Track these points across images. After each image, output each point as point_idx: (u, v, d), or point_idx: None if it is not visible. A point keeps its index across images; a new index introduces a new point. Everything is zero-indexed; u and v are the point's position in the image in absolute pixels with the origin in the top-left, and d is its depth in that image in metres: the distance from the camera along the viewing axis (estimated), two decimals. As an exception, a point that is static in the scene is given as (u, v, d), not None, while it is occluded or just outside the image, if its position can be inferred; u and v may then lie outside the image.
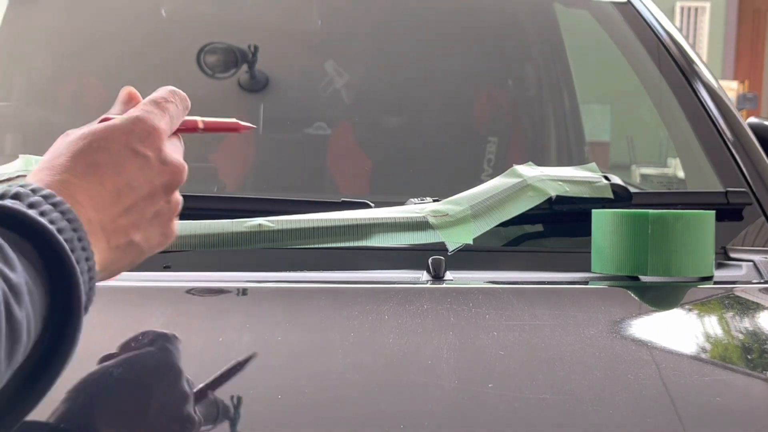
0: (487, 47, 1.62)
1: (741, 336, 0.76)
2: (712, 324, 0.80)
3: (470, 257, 0.92)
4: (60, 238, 0.54)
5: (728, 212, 1.05)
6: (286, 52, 1.54)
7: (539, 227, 1.04)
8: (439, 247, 0.90)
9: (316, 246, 0.89)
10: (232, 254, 0.90)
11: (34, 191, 0.56)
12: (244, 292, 0.80)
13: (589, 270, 0.88)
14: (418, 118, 1.51)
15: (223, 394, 0.59)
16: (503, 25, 1.66)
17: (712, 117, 1.24)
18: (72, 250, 0.54)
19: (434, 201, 0.92)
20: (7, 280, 0.49)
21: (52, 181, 0.59)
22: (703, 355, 0.72)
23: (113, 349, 0.66)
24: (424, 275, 0.83)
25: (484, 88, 1.60)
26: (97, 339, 0.68)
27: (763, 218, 1.08)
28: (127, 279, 0.81)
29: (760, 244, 1.05)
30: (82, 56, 1.46)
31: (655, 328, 0.77)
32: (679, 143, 1.43)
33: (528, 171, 1.00)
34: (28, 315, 0.51)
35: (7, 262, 0.50)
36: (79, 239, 0.56)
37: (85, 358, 0.65)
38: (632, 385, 0.62)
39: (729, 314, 0.82)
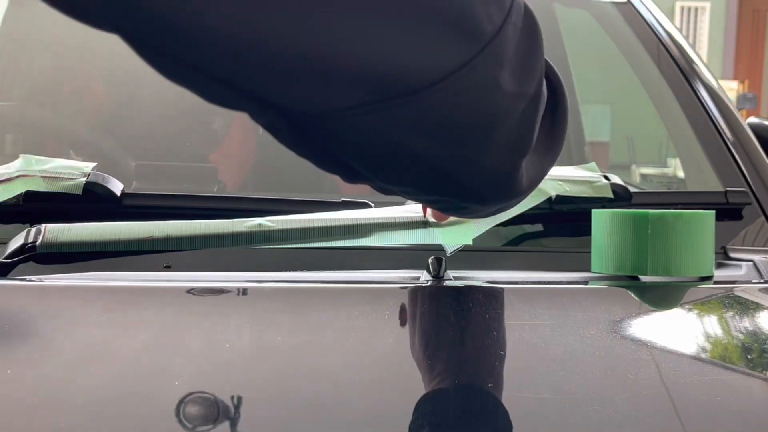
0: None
1: (741, 336, 0.76)
2: (712, 324, 0.80)
3: (470, 257, 0.92)
4: None
5: (728, 212, 1.05)
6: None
7: (539, 227, 1.04)
8: (439, 247, 0.90)
9: (316, 246, 0.89)
10: (232, 254, 0.90)
11: None
12: (244, 292, 0.80)
13: (589, 270, 0.88)
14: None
15: (223, 394, 0.59)
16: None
17: (712, 117, 1.24)
18: None
19: (434, 201, 0.92)
20: None
21: None
22: (703, 355, 0.72)
23: (113, 349, 0.66)
24: (424, 275, 0.83)
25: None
26: (97, 339, 0.68)
27: (763, 218, 1.08)
28: (127, 279, 0.81)
29: (760, 243, 1.05)
30: (82, 56, 1.46)
31: (655, 328, 0.77)
32: (679, 143, 1.43)
33: (528, 171, 1.00)
34: None
35: None
36: None
37: (85, 358, 0.65)
38: (632, 385, 0.62)
39: (729, 314, 0.82)
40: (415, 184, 0.65)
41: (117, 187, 0.95)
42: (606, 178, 1.02)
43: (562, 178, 1.00)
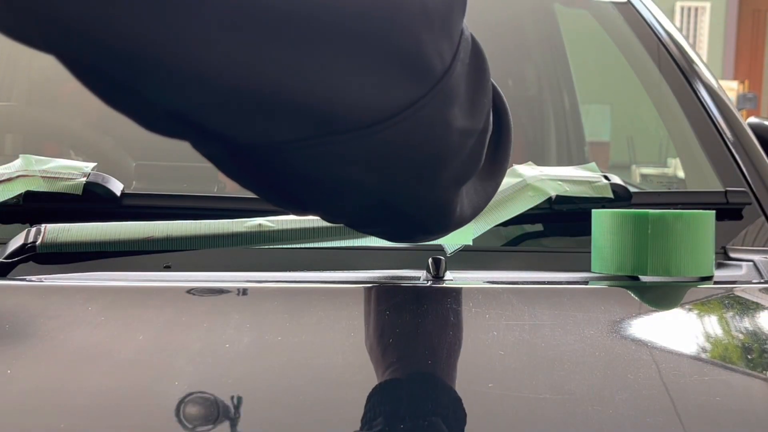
0: (487, 47, 1.62)
1: (741, 336, 0.76)
2: (712, 324, 0.80)
3: (470, 257, 0.92)
4: None
5: (728, 212, 1.05)
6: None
7: (539, 227, 1.04)
8: (439, 247, 0.90)
9: (316, 246, 0.89)
10: (232, 254, 0.90)
11: None
12: (244, 292, 0.80)
13: (589, 270, 0.88)
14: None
15: (223, 394, 0.59)
16: (503, 25, 1.66)
17: (712, 117, 1.24)
18: None
19: (434, 201, 0.92)
20: None
21: None
22: (703, 355, 0.72)
23: (113, 349, 0.66)
24: (424, 275, 0.83)
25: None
26: (97, 339, 0.68)
27: (763, 218, 1.08)
28: (127, 279, 0.81)
29: (760, 243, 1.05)
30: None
31: (655, 328, 0.77)
32: (679, 143, 1.43)
33: (528, 171, 1.00)
34: None
35: None
36: None
37: (85, 358, 0.65)
38: (632, 385, 0.62)
39: (729, 314, 0.82)
40: (360, 217, 0.65)
41: (117, 187, 0.95)
42: (606, 178, 1.02)
43: (562, 178, 1.00)
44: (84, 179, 0.93)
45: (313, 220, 0.88)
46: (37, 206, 0.92)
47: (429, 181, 0.61)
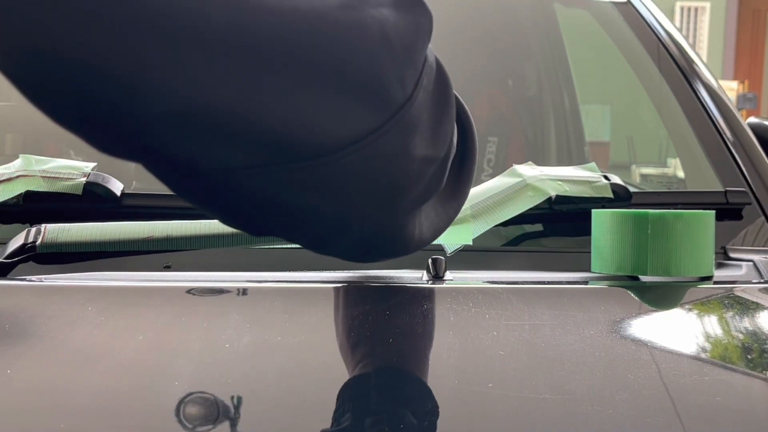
0: (487, 47, 1.62)
1: (741, 336, 0.76)
2: (712, 324, 0.80)
3: (470, 257, 0.92)
4: None
5: (728, 212, 1.05)
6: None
7: (539, 227, 1.04)
8: (439, 247, 0.90)
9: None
10: (232, 254, 0.90)
11: None
12: (244, 292, 0.80)
13: (589, 270, 0.88)
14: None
15: (224, 394, 0.59)
16: (503, 25, 1.66)
17: (712, 117, 1.24)
18: None
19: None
20: None
21: None
22: (703, 355, 0.72)
23: (113, 349, 0.66)
24: (424, 275, 0.83)
25: (484, 87, 1.60)
26: (97, 339, 0.68)
27: (762, 218, 1.08)
28: (127, 279, 0.81)
29: (760, 243, 1.05)
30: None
31: (655, 328, 0.77)
32: (679, 143, 1.43)
33: (528, 171, 1.00)
34: None
35: None
36: None
37: (85, 358, 0.65)
38: (632, 385, 0.62)
39: (729, 314, 0.82)
40: (316, 240, 0.64)
41: (117, 187, 0.95)
42: (606, 178, 1.02)
43: (562, 178, 1.00)
44: (84, 179, 0.93)
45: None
46: (37, 206, 0.93)
47: (387, 208, 0.61)
